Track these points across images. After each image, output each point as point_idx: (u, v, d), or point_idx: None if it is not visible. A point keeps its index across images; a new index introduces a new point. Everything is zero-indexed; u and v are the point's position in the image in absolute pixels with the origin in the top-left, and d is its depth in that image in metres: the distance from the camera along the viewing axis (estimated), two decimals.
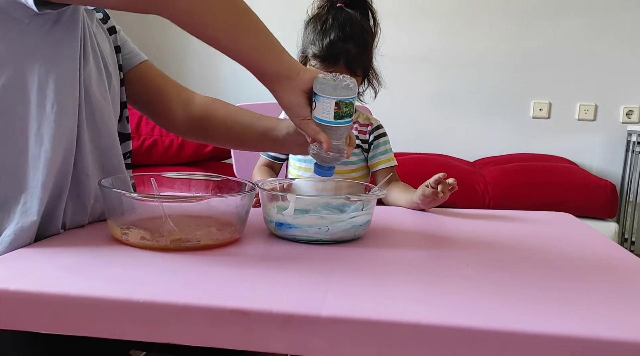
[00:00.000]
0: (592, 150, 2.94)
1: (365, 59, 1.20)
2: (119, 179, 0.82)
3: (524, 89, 2.97)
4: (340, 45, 1.15)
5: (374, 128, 1.31)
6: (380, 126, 1.33)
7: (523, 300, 0.58)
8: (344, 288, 0.60)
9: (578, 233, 0.95)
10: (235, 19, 0.71)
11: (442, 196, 1.02)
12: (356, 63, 1.17)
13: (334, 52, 1.15)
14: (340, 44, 1.15)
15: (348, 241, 0.79)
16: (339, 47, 1.15)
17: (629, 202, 2.71)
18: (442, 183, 1.02)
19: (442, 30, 3.01)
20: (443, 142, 3.02)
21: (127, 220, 0.73)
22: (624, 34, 2.83)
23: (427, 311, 0.54)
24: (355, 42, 1.16)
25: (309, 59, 1.20)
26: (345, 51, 1.15)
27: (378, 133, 1.31)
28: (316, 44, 1.17)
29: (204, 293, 0.57)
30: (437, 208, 1.09)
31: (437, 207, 1.08)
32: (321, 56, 1.16)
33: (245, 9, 0.72)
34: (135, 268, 0.64)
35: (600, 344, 0.49)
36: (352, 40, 1.16)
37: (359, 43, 1.17)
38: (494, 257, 0.76)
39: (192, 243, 0.71)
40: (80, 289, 0.56)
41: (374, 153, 1.31)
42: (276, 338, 0.53)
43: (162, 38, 3.20)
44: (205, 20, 0.70)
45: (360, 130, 1.30)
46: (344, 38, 1.15)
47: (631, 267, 0.73)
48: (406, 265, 0.71)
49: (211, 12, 0.69)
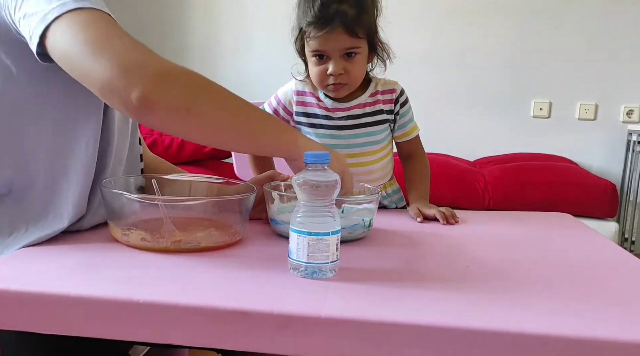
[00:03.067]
0: (593, 150, 2.93)
1: (366, 21, 1.07)
2: (120, 180, 0.83)
3: (524, 88, 2.97)
4: (335, 6, 1.04)
5: (398, 94, 1.18)
6: (402, 90, 1.20)
7: (523, 301, 0.58)
8: (343, 289, 0.60)
9: (577, 233, 0.95)
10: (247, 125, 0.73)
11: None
12: (354, 23, 1.04)
13: (328, 13, 1.04)
14: (334, 5, 1.04)
15: (347, 242, 0.79)
16: (334, 8, 1.04)
17: (629, 202, 2.71)
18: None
19: (443, 30, 3.01)
20: (443, 142, 3.02)
21: (128, 221, 0.73)
22: (624, 34, 2.83)
23: (426, 312, 0.54)
24: (351, 2, 1.05)
25: (304, 30, 1.08)
26: (341, 11, 1.04)
27: (403, 100, 1.19)
28: (308, 12, 1.06)
29: (204, 294, 0.57)
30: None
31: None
32: (315, 20, 1.04)
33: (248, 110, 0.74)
34: (135, 269, 0.65)
35: (600, 344, 0.49)
36: (346, 1, 1.04)
37: (356, 3, 1.05)
38: (493, 257, 0.76)
39: (192, 245, 0.72)
40: (81, 290, 0.56)
41: (400, 123, 1.19)
42: (276, 339, 0.53)
43: (162, 38, 3.21)
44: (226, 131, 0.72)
45: (384, 100, 1.17)
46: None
47: (630, 267, 0.73)
48: (405, 266, 0.71)
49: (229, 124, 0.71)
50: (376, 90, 1.17)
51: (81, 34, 0.64)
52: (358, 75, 1.10)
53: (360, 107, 1.15)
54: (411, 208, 1.07)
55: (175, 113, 0.65)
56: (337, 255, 0.64)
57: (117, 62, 0.62)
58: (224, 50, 3.21)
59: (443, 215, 1.00)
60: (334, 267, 0.64)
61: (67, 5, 0.65)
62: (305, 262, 0.63)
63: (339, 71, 1.06)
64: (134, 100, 0.62)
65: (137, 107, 0.63)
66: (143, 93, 0.62)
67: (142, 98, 0.62)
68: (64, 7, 0.65)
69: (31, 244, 0.71)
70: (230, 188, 0.88)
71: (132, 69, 0.63)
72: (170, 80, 0.65)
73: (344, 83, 1.08)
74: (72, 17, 0.65)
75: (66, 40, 0.64)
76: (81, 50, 0.63)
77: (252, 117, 0.74)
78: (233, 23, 3.19)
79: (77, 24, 0.64)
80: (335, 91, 1.11)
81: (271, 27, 3.13)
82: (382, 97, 1.17)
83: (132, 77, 0.62)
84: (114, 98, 0.64)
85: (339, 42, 1.05)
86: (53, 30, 0.64)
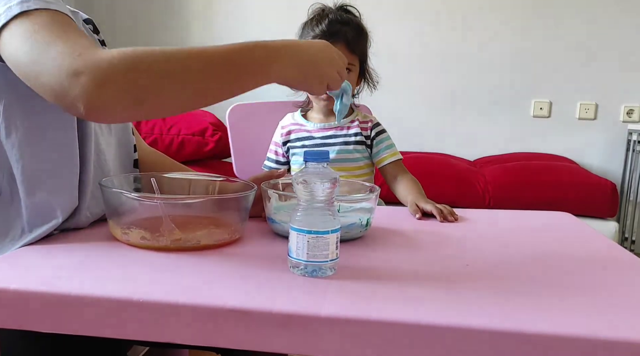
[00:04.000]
0: (593, 149, 2.93)
1: (362, 44, 1.29)
2: (120, 179, 0.83)
3: (524, 87, 2.97)
4: (339, 27, 1.24)
5: (374, 124, 1.35)
6: (378, 123, 1.36)
7: (523, 300, 0.58)
8: (343, 288, 0.60)
9: (578, 233, 0.95)
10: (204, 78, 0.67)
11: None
12: (354, 43, 1.25)
13: (333, 30, 1.23)
14: (338, 25, 1.24)
15: (344, 241, 0.79)
16: (338, 27, 1.23)
17: (629, 201, 2.71)
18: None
19: (442, 29, 3.00)
20: (443, 141, 3.02)
21: (128, 220, 0.73)
22: (624, 33, 2.82)
23: (426, 311, 0.54)
24: (353, 26, 1.26)
25: None
26: (344, 31, 1.23)
27: (379, 130, 1.34)
28: (315, 29, 1.25)
29: (203, 293, 0.57)
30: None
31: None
32: (320, 34, 1.22)
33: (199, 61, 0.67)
34: (135, 268, 0.64)
35: (600, 344, 0.49)
36: (349, 25, 1.25)
37: (356, 28, 1.27)
38: (493, 256, 0.76)
39: (192, 243, 0.72)
40: (81, 288, 0.56)
41: (378, 149, 1.33)
42: (276, 338, 0.53)
43: (162, 38, 3.20)
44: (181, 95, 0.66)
45: (362, 127, 1.34)
46: (342, 21, 1.25)
47: (631, 266, 0.73)
48: (405, 265, 0.71)
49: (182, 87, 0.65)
50: (356, 119, 1.36)
51: (23, 45, 0.62)
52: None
53: (340, 129, 1.34)
54: (410, 205, 1.08)
55: (127, 110, 0.63)
56: (337, 253, 0.64)
57: (55, 77, 0.60)
58: None
59: (440, 211, 1.01)
60: (333, 265, 0.64)
61: (12, 10, 0.63)
62: (305, 261, 0.63)
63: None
64: (83, 111, 0.60)
65: (89, 116, 0.61)
66: (88, 105, 0.59)
67: (90, 109, 0.60)
68: (10, 12, 0.63)
69: (30, 242, 0.71)
70: (229, 186, 0.88)
71: (69, 83, 0.59)
72: (110, 80, 0.60)
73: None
74: (16, 25, 0.63)
75: (12, 50, 0.63)
76: (25, 61, 0.62)
77: (209, 68, 0.66)
78: (232, 23, 3.19)
79: (20, 33, 0.63)
80: (328, 101, 1.29)
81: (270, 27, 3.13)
82: (360, 124, 1.35)
83: (72, 91, 0.59)
84: (66, 109, 0.62)
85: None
86: (2, 37, 0.64)
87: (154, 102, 0.63)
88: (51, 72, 0.60)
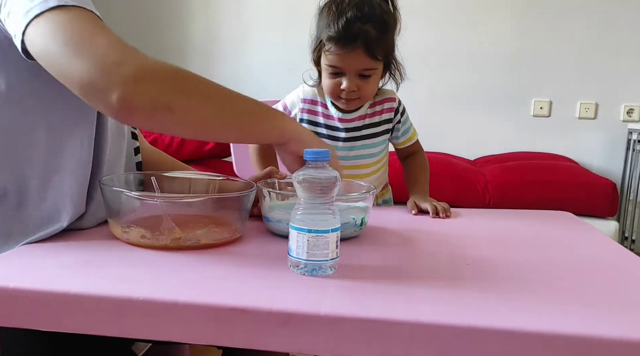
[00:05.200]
0: (593, 149, 2.93)
1: (386, 42, 1.09)
2: (120, 178, 0.83)
3: (524, 87, 2.96)
4: (358, 26, 1.04)
5: (398, 104, 1.21)
6: (400, 101, 1.22)
7: (523, 299, 0.58)
8: (342, 287, 0.60)
9: (578, 232, 0.95)
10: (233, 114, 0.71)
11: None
12: (376, 45, 1.05)
13: (351, 32, 1.04)
14: (358, 24, 1.04)
15: (346, 239, 0.79)
16: (357, 27, 1.04)
17: (629, 201, 2.71)
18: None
19: (443, 29, 3.00)
20: (443, 141, 3.02)
21: (128, 219, 0.73)
22: (624, 32, 2.82)
23: (426, 310, 0.54)
24: (375, 23, 1.05)
25: (324, 43, 1.08)
26: (364, 32, 1.04)
27: (402, 109, 1.22)
28: (331, 26, 1.05)
29: (203, 292, 0.57)
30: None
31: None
32: (337, 37, 1.05)
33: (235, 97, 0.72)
34: (135, 267, 0.65)
35: (600, 343, 0.49)
36: (371, 21, 1.05)
37: (379, 24, 1.06)
38: (493, 256, 0.76)
39: (192, 242, 0.72)
40: (81, 287, 0.56)
41: (404, 129, 1.22)
42: (275, 337, 0.53)
43: (163, 38, 3.20)
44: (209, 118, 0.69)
45: (385, 109, 1.20)
46: (362, 18, 1.04)
47: (631, 266, 0.73)
48: (405, 264, 0.71)
49: (213, 110, 0.69)
50: (374, 101, 1.20)
51: (61, 33, 0.63)
52: (370, 92, 1.14)
53: (360, 118, 1.19)
54: (408, 203, 1.09)
55: (156, 112, 0.64)
56: (337, 252, 0.64)
57: (96, 63, 0.61)
58: (223, 49, 3.21)
59: (434, 208, 1.02)
60: (333, 264, 0.64)
61: (49, 3, 0.64)
62: (305, 259, 0.63)
63: (353, 88, 1.09)
64: (114, 102, 0.61)
65: (118, 108, 0.62)
66: (122, 95, 0.61)
67: (122, 100, 0.61)
68: (46, 4, 0.64)
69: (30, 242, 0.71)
70: (230, 185, 0.88)
71: (110, 70, 0.61)
72: (150, 79, 0.63)
73: (355, 98, 1.12)
74: (53, 15, 0.64)
75: (46, 39, 0.63)
76: (60, 50, 0.62)
77: (236, 107, 0.72)
78: (232, 22, 3.19)
79: (57, 22, 0.63)
80: (346, 103, 1.14)
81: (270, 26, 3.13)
82: (381, 106, 1.20)
83: (111, 79, 0.61)
84: (94, 99, 0.63)
85: (357, 63, 1.07)
86: (34, 27, 0.64)
87: (181, 113, 0.65)
88: (91, 59, 0.61)
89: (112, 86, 0.60)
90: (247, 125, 0.73)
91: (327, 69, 1.10)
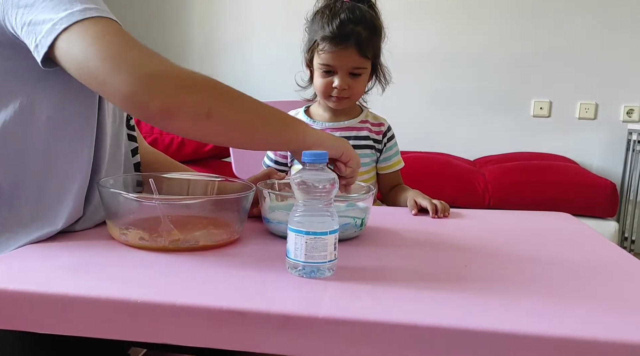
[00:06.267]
0: (593, 149, 2.93)
1: (374, 44, 1.19)
2: (118, 179, 0.82)
3: (524, 87, 2.96)
4: (351, 26, 1.14)
5: (387, 130, 1.30)
6: (390, 127, 1.31)
7: (521, 301, 0.58)
8: (341, 289, 0.60)
9: (577, 233, 0.95)
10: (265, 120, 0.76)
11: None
12: (366, 45, 1.15)
13: (344, 32, 1.14)
14: (350, 25, 1.14)
15: (342, 241, 0.79)
16: (350, 28, 1.14)
17: (629, 201, 2.71)
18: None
19: (443, 29, 3.00)
20: (443, 141, 3.02)
21: (126, 221, 0.73)
22: (624, 33, 2.82)
23: (424, 313, 0.54)
24: (365, 25, 1.15)
25: (318, 43, 1.17)
26: (356, 32, 1.14)
27: (390, 135, 1.30)
28: (326, 27, 1.15)
29: (201, 294, 0.57)
30: None
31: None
32: (331, 36, 1.14)
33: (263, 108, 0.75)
34: (133, 269, 0.64)
35: (598, 345, 0.49)
36: (362, 23, 1.15)
37: (369, 26, 1.16)
38: (492, 257, 0.76)
39: (190, 244, 0.71)
40: (79, 289, 0.56)
41: (387, 155, 1.29)
42: (273, 339, 0.53)
43: (163, 37, 3.20)
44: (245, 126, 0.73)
45: (374, 130, 1.28)
46: (354, 20, 1.15)
47: (629, 268, 0.73)
48: (404, 266, 0.71)
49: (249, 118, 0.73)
50: (366, 120, 1.29)
51: (94, 46, 0.64)
52: (359, 91, 1.23)
53: (349, 130, 1.26)
54: (408, 201, 1.09)
55: (196, 119, 0.67)
56: (335, 254, 0.64)
57: (137, 75, 0.63)
58: (224, 50, 3.21)
59: (434, 207, 1.03)
60: (332, 266, 0.64)
61: (75, 16, 0.64)
62: (303, 262, 0.63)
63: (344, 86, 1.18)
64: (156, 111, 0.64)
65: (160, 117, 0.65)
66: (164, 104, 0.64)
67: (164, 108, 0.64)
68: (72, 17, 0.64)
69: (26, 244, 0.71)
70: (228, 186, 0.88)
71: (152, 81, 0.64)
72: (189, 88, 0.67)
73: (346, 97, 1.20)
74: (82, 28, 0.64)
75: (81, 53, 0.64)
76: (98, 64, 0.64)
77: (266, 116, 0.76)
78: (232, 23, 3.19)
79: (89, 35, 0.64)
80: (337, 102, 1.22)
81: (271, 26, 3.13)
82: (372, 127, 1.28)
83: (153, 89, 0.64)
84: (135, 109, 0.65)
85: (349, 61, 1.16)
86: (65, 41, 0.64)
87: (219, 120, 0.69)
88: (129, 70, 0.63)
89: (154, 96, 0.64)
90: (276, 132, 0.77)
91: (320, 67, 1.18)
